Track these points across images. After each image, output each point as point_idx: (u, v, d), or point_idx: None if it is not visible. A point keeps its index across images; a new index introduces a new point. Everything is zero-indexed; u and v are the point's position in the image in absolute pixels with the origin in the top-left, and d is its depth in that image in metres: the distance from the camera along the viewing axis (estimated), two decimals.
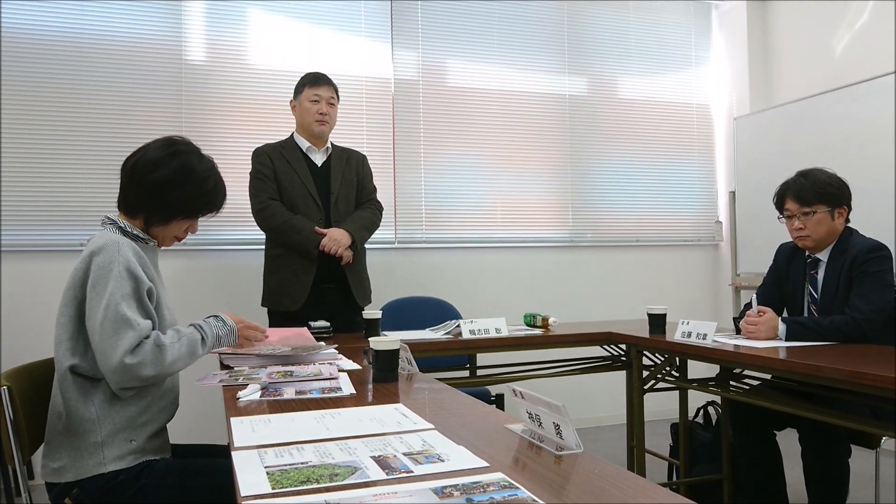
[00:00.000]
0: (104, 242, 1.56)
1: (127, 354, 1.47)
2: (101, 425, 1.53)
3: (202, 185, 1.70)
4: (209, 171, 1.72)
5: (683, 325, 2.48)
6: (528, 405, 1.22)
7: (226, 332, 1.74)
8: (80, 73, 3.49)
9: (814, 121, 3.86)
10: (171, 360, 1.54)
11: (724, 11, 4.81)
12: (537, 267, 4.35)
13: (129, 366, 1.47)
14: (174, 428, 1.75)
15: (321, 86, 3.02)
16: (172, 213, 1.70)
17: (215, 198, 1.75)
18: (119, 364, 1.47)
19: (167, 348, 1.54)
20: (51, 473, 1.55)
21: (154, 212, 1.68)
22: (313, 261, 2.90)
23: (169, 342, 1.55)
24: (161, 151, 1.67)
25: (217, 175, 1.75)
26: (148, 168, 1.65)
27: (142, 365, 1.49)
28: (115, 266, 1.53)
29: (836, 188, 2.41)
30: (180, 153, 1.69)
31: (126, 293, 1.52)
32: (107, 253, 1.54)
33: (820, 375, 1.86)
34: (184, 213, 1.72)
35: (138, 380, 1.51)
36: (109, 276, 1.52)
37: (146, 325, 1.53)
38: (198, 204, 1.72)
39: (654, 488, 0.96)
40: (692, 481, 2.85)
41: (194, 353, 1.62)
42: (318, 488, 0.95)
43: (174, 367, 1.57)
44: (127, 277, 1.54)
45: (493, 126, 4.28)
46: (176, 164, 1.66)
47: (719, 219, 4.83)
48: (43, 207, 3.41)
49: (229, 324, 1.76)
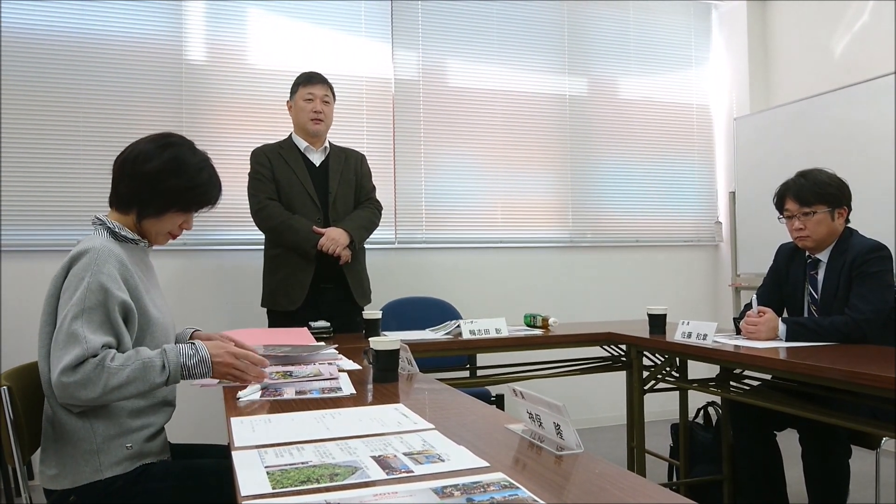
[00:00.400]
0: (84, 250, 1.51)
1: (65, 371, 1.40)
2: (95, 433, 1.50)
3: (196, 176, 1.65)
4: (203, 162, 1.68)
5: (683, 325, 2.48)
6: (528, 405, 1.22)
7: (195, 361, 1.51)
8: (80, 73, 3.49)
9: (814, 121, 3.86)
10: (115, 383, 1.41)
11: (724, 12, 4.81)
12: (537, 267, 4.35)
13: (66, 384, 1.40)
14: (174, 428, 1.74)
15: (315, 84, 3.02)
16: (166, 205, 1.64)
17: (210, 190, 1.69)
18: (56, 380, 1.40)
19: (111, 371, 1.41)
20: (48, 480, 1.53)
21: (147, 204, 1.62)
22: (311, 261, 2.90)
23: (116, 365, 1.42)
24: (153, 144, 1.64)
25: (211, 167, 1.70)
26: (140, 160, 1.61)
27: (78, 385, 1.40)
28: (87, 277, 1.47)
29: (835, 188, 2.41)
30: (172, 145, 1.65)
31: (89, 306, 1.45)
32: (83, 263, 1.49)
33: (820, 376, 1.86)
34: (178, 206, 1.65)
35: (76, 399, 1.42)
36: (79, 286, 1.46)
37: (94, 343, 1.42)
38: (192, 196, 1.66)
39: (655, 488, 0.96)
40: (692, 482, 2.85)
41: (148, 379, 1.45)
42: (318, 488, 0.95)
43: (122, 391, 1.43)
44: (95, 290, 1.46)
45: (494, 126, 4.28)
46: (168, 155, 1.62)
47: (719, 219, 4.83)
48: (43, 207, 3.41)
49: (202, 353, 1.53)
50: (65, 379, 1.40)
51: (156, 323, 1.61)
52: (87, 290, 1.46)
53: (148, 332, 1.59)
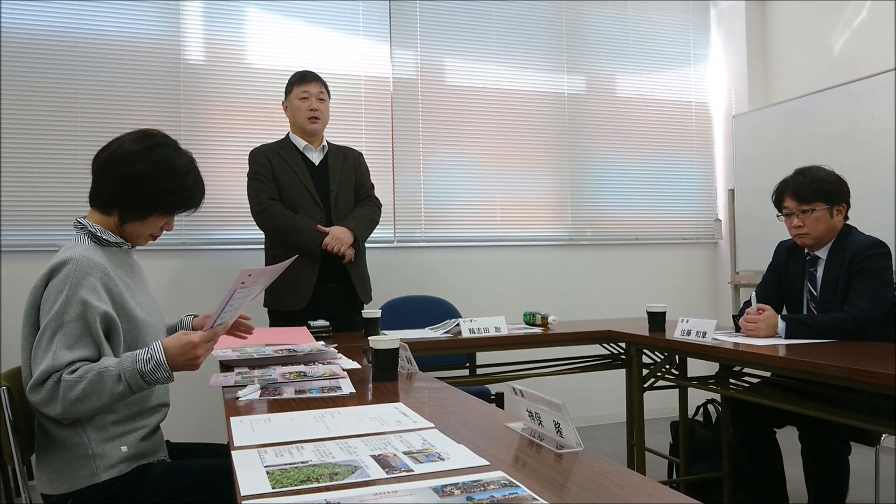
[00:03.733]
0: (64, 260, 1.48)
1: (31, 389, 1.41)
2: (88, 437, 1.48)
3: (182, 179, 1.61)
4: (189, 164, 1.64)
5: (683, 322, 2.48)
6: (528, 403, 1.22)
7: (151, 367, 1.43)
8: (78, 73, 3.49)
9: (812, 118, 3.86)
10: (73, 397, 1.39)
11: (722, 9, 4.81)
12: (537, 265, 4.35)
13: (33, 402, 1.42)
14: (173, 428, 1.73)
15: (309, 82, 3.02)
16: (150, 209, 1.60)
17: (195, 194, 1.66)
18: (28, 394, 1.43)
19: (67, 384, 1.39)
20: (44, 485, 1.51)
21: (131, 206, 1.58)
22: (316, 260, 2.89)
23: (72, 378, 1.39)
24: (137, 144, 1.59)
25: (197, 171, 1.67)
26: (124, 161, 1.56)
27: (42, 402, 1.41)
28: (66, 290, 1.44)
29: (834, 185, 2.41)
30: (158, 146, 1.60)
31: (68, 320, 1.43)
32: (63, 275, 1.46)
33: (819, 373, 1.86)
34: (162, 209, 1.62)
35: (47, 412, 1.43)
36: (58, 299, 1.44)
37: (62, 360, 1.40)
38: (177, 199, 1.63)
39: (655, 486, 0.96)
40: (692, 479, 2.85)
41: (106, 389, 1.41)
42: (318, 487, 0.95)
43: (85, 404, 1.40)
44: (75, 304, 1.44)
45: (492, 125, 4.27)
46: (155, 157, 1.58)
47: (718, 217, 4.83)
48: (42, 207, 3.41)
49: (157, 356, 1.44)
50: (31, 397, 1.43)
51: (144, 325, 1.59)
52: (65, 303, 1.44)
53: (139, 336, 1.57)
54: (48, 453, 1.51)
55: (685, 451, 2.92)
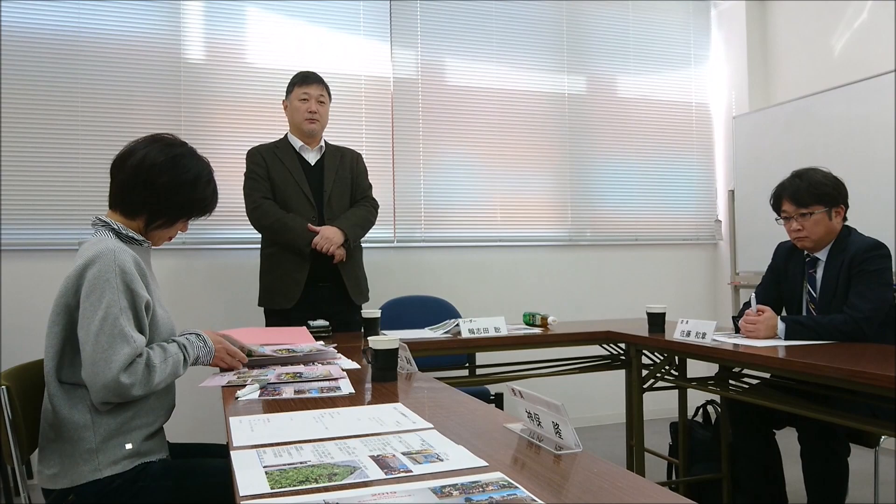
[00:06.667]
0: (100, 251, 1.52)
1: (122, 372, 1.45)
2: (95, 432, 1.51)
3: (206, 188, 1.71)
4: (210, 174, 1.74)
5: (682, 323, 2.47)
6: (527, 404, 1.22)
7: (205, 352, 1.73)
8: (79, 73, 3.49)
9: (813, 119, 3.86)
10: (157, 381, 1.52)
11: (722, 10, 4.81)
12: (536, 266, 4.35)
13: (123, 384, 1.45)
14: (173, 427, 1.74)
15: (310, 84, 3.02)
16: (178, 216, 1.71)
17: (214, 201, 1.76)
18: (113, 380, 1.44)
19: (156, 369, 1.52)
20: (46, 480, 1.53)
21: (160, 215, 1.67)
22: (306, 259, 2.90)
23: (159, 363, 1.53)
24: (163, 154, 1.65)
25: (213, 177, 1.76)
26: (153, 171, 1.63)
27: (133, 385, 1.47)
28: (113, 278, 1.49)
29: (831, 188, 2.40)
30: (183, 156, 1.68)
31: (123, 306, 1.50)
32: (103, 263, 1.50)
33: (819, 374, 1.86)
34: (189, 215, 1.73)
35: (125, 398, 1.50)
36: (106, 287, 1.48)
37: (141, 342, 1.51)
38: (202, 207, 1.73)
39: (654, 487, 0.96)
40: (691, 480, 2.85)
41: (177, 373, 1.61)
42: (316, 488, 0.95)
43: (158, 387, 1.56)
44: (124, 290, 1.51)
45: (493, 125, 4.27)
46: (183, 168, 1.66)
47: (718, 217, 4.83)
48: (42, 207, 3.41)
49: (209, 345, 1.74)
50: (123, 379, 1.45)
51: (162, 322, 1.66)
52: (118, 291, 1.50)
53: (156, 332, 1.63)
54: (53, 447, 1.53)
55: (684, 451, 2.92)
